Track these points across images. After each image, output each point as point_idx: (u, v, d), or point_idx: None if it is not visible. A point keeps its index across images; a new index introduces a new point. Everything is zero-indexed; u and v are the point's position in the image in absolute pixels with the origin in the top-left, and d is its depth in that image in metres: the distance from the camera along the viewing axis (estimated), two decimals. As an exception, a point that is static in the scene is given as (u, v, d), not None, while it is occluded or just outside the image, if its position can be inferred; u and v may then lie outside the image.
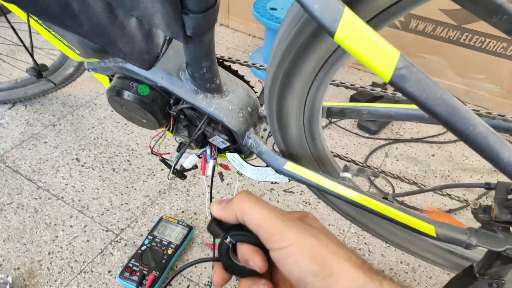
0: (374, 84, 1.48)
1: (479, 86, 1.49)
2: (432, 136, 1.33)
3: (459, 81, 1.52)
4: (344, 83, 0.66)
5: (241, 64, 0.66)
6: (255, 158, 0.67)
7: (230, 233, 0.33)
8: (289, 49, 0.41)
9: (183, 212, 1.01)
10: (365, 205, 0.54)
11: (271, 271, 0.34)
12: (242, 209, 0.32)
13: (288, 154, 0.62)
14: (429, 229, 0.49)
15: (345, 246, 0.31)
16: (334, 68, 0.44)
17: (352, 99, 1.43)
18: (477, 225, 0.50)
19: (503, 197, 0.44)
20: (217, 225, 0.34)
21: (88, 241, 0.93)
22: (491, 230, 0.48)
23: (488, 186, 0.47)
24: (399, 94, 0.62)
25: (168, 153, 0.75)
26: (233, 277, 0.35)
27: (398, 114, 0.61)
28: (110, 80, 0.67)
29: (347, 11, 0.30)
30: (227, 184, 1.10)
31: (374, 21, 0.35)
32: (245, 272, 0.33)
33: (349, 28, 0.30)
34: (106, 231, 0.95)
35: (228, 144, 0.67)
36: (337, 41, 0.31)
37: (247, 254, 0.32)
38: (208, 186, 0.72)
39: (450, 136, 1.32)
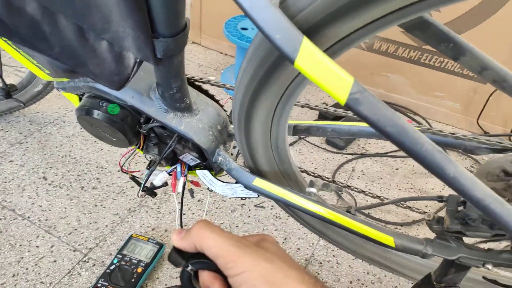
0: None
1: (439, 103, 1.58)
2: (396, 151, 1.39)
3: (420, 99, 1.60)
4: (308, 104, 0.69)
5: (212, 84, 0.68)
6: (226, 175, 0.68)
7: (191, 261, 0.35)
8: (255, 74, 0.43)
9: (153, 229, 1.01)
10: (329, 219, 0.56)
11: None
12: (200, 239, 0.34)
13: (257, 171, 0.64)
14: (388, 240, 0.52)
15: (299, 268, 0.33)
16: (298, 90, 0.47)
17: (321, 115, 1.48)
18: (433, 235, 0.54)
19: (453, 209, 0.48)
20: (178, 254, 0.35)
21: (55, 261, 0.91)
22: (445, 240, 0.52)
23: (440, 199, 0.51)
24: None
25: (138, 171, 0.75)
26: None
27: (360, 131, 0.64)
28: (80, 99, 0.67)
29: (305, 40, 0.32)
30: (198, 201, 1.10)
31: (332, 50, 0.38)
32: None
33: (307, 56, 0.33)
34: (74, 250, 0.94)
35: (199, 161, 0.69)
36: (297, 68, 0.33)
37: (207, 280, 0.34)
38: (178, 203, 0.73)
39: (413, 151, 1.38)
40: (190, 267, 0.35)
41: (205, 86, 0.68)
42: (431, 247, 0.52)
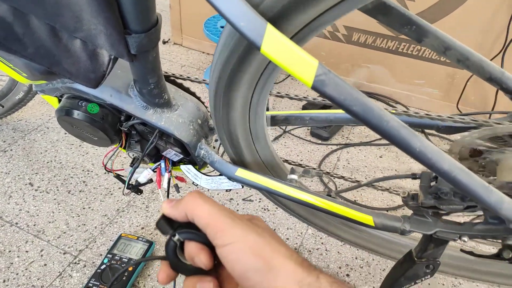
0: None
1: (419, 90, 1.61)
2: (379, 139, 1.41)
3: (401, 87, 1.63)
4: (288, 94, 0.70)
5: (191, 80, 0.69)
6: (212, 171, 0.69)
7: (179, 231, 0.34)
8: (227, 63, 0.45)
9: (143, 228, 1.02)
10: (311, 203, 0.58)
11: (218, 270, 0.36)
12: (192, 207, 0.33)
13: (240, 162, 0.65)
14: (368, 219, 0.54)
15: (287, 246, 0.33)
16: (271, 79, 0.48)
17: (304, 108, 1.49)
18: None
19: (426, 184, 0.50)
20: (166, 223, 0.34)
21: (45, 265, 0.91)
22: (421, 216, 0.53)
23: (414, 176, 0.53)
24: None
25: (122, 169, 0.76)
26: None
27: (336, 118, 0.66)
28: (59, 101, 0.67)
29: (269, 27, 0.34)
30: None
31: (298, 36, 0.39)
32: (191, 271, 0.34)
33: (272, 42, 0.34)
34: (64, 253, 0.94)
35: (182, 156, 0.70)
36: (264, 54, 0.35)
37: (193, 251, 0.33)
38: (165, 198, 0.74)
39: (395, 138, 1.40)
40: (177, 237, 0.34)
41: (185, 83, 0.69)
42: (409, 223, 0.54)
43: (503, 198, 0.41)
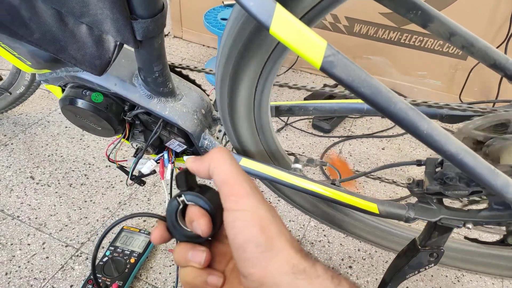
0: (325, 86, 1.55)
1: (422, 82, 1.61)
2: (382, 131, 1.41)
3: (403, 79, 1.62)
4: (296, 85, 0.70)
5: (191, 69, 0.69)
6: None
7: (185, 193, 0.33)
8: (234, 45, 0.44)
9: (144, 221, 1.02)
10: (316, 192, 0.58)
11: (211, 247, 0.35)
12: (216, 160, 0.32)
13: (243, 152, 0.65)
14: (372, 207, 0.54)
15: (290, 232, 0.32)
16: (276, 66, 0.48)
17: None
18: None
19: (432, 170, 0.50)
20: (184, 178, 0.33)
21: (47, 257, 0.91)
22: (426, 203, 0.53)
23: (419, 163, 0.53)
24: (346, 92, 0.67)
25: (125, 160, 0.76)
26: None
27: (341, 108, 0.66)
28: (63, 90, 0.67)
29: (279, 7, 0.34)
30: (188, 191, 1.11)
31: (307, 17, 0.39)
32: (186, 237, 0.33)
33: (281, 22, 0.34)
34: (66, 246, 0.94)
35: (185, 146, 0.69)
36: (273, 34, 0.35)
37: (194, 215, 0.32)
38: (167, 189, 0.74)
39: (398, 130, 1.41)
40: (182, 198, 0.33)
41: (186, 73, 0.68)
42: (413, 211, 0.54)
43: (509, 182, 0.41)
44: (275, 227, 0.30)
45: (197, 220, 0.32)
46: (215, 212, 0.32)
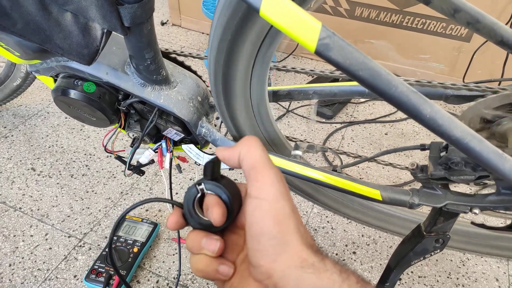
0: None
1: (424, 65, 1.57)
2: (384, 116, 1.39)
3: (406, 63, 1.59)
4: (304, 69, 0.67)
5: (185, 55, 0.66)
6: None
7: (206, 181, 0.33)
8: (225, 30, 0.42)
9: (147, 210, 1.01)
10: (317, 179, 0.56)
11: (225, 236, 0.34)
12: (249, 146, 0.32)
13: (240, 138, 0.63)
14: (375, 194, 0.52)
15: (305, 227, 0.32)
16: (272, 47, 0.46)
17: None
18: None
19: (436, 155, 0.48)
20: (211, 168, 0.33)
21: (50, 248, 0.91)
22: (431, 188, 0.52)
23: (423, 147, 0.51)
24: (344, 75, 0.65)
25: (123, 150, 0.74)
26: None
27: (341, 91, 0.64)
28: (55, 81, 0.66)
29: (268, -13, 0.32)
30: (190, 179, 1.10)
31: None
32: (201, 224, 0.33)
33: (272, 3, 0.32)
34: (69, 237, 0.93)
35: (183, 135, 0.68)
36: (263, 17, 0.33)
37: (211, 203, 0.32)
38: (168, 180, 0.73)
39: (401, 114, 1.38)
40: (201, 186, 0.33)
41: (186, 61, 0.67)
42: (418, 196, 0.52)
43: (518, 166, 0.39)
44: (292, 221, 0.30)
45: (213, 208, 0.31)
46: (232, 203, 0.32)
